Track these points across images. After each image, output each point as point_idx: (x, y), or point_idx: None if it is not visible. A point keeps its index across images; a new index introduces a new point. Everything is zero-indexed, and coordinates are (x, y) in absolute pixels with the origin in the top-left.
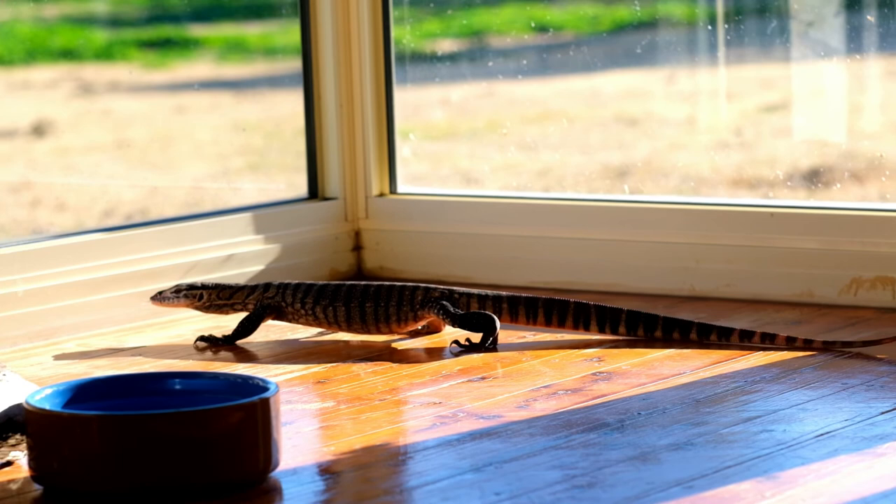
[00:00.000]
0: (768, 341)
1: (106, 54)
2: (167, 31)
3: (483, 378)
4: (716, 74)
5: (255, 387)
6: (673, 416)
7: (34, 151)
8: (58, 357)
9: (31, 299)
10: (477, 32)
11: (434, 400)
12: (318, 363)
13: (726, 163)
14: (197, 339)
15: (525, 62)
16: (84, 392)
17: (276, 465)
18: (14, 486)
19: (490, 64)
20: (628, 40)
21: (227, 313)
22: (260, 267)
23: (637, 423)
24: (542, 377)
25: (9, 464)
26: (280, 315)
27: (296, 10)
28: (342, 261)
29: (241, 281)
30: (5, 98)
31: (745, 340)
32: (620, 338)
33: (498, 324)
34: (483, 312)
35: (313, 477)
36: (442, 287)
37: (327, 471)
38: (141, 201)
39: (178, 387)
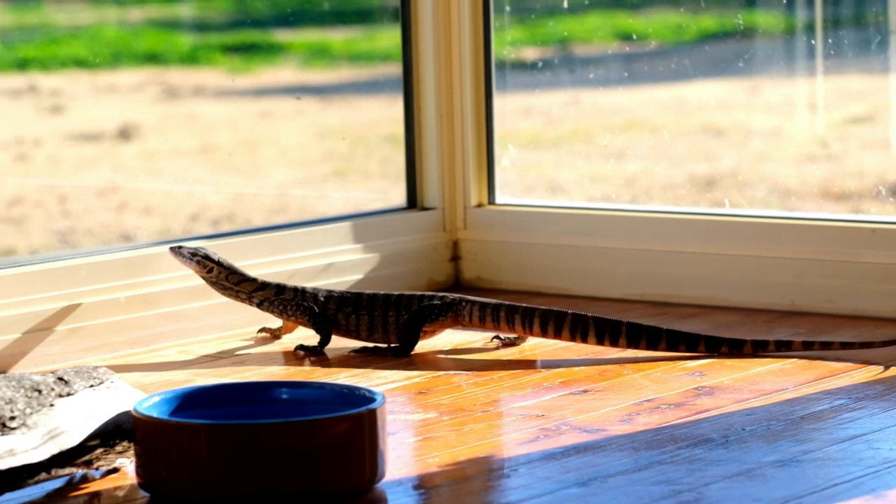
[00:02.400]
0: (784, 349)
1: (191, 58)
2: (252, 35)
3: (585, 391)
4: (802, 85)
5: (362, 397)
6: (777, 432)
7: (120, 155)
8: (159, 364)
9: (132, 306)
10: (561, 40)
11: (537, 412)
12: (418, 374)
13: (813, 174)
14: (296, 348)
15: (610, 71)
16: (191, 400)
17: (382, 475)
18: (120, 493)
19: (575, 72)
20: (713, 50)
21: (229, 297)
22: (358, 276)
23: (741, 439)
24: (644, 391)
25: (115, 470)
26: (302, 314)
27: (386, 16)
28: (440, 271)
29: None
30: (91, 101)
31: (760, 350)
32: (620, 349)
33: (412, 349)
34: (415, 336)
35: (418, 488)
36: (456, 295)
37: (431, 482)
38: (227, 206)
39: (284, 396)
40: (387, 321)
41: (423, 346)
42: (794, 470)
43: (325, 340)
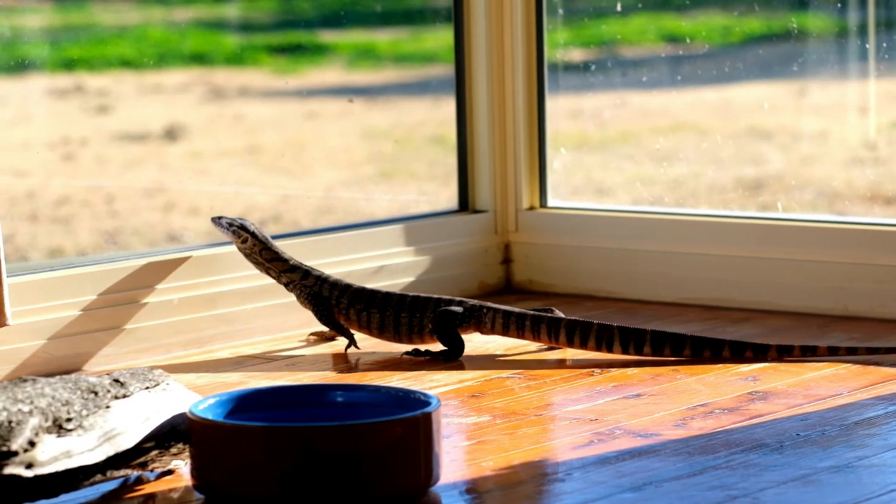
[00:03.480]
0: (810, 354)
1: (237, 59)
2: (297, 36)
3: (638, 395)
4: (851, 88)
5: (417, 401)
6: (831, 437)
7: (167, 155)
8: (212, 365)
9: (185, 307)
10: (607, 42)
11: (590, 416)
12: (471, 377)
13: (862, 178)
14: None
15: (657, 73)
16: (246, 402)
17: (437, 479)
18: (175, 495)
19: (622, 74)
20: (759, 52)
21: (260, 271)
22: (410, 279)
23: (796, 445)
24: (697, 395)
25: (170, 472)
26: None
27: (435, 17)
28: (491, 274)
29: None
30: (137, 101)
31: (785, 355)
32: (646, 358)
33: (464, 349)
34: (455, 336)
35: (471, 492)
36: (473, 301)
37: (485, 486)
38: (274, 207)
39: (339, 399)
40: (398, 321)
41: (475, 348)
42: (849, 476)
43: (343, 335)
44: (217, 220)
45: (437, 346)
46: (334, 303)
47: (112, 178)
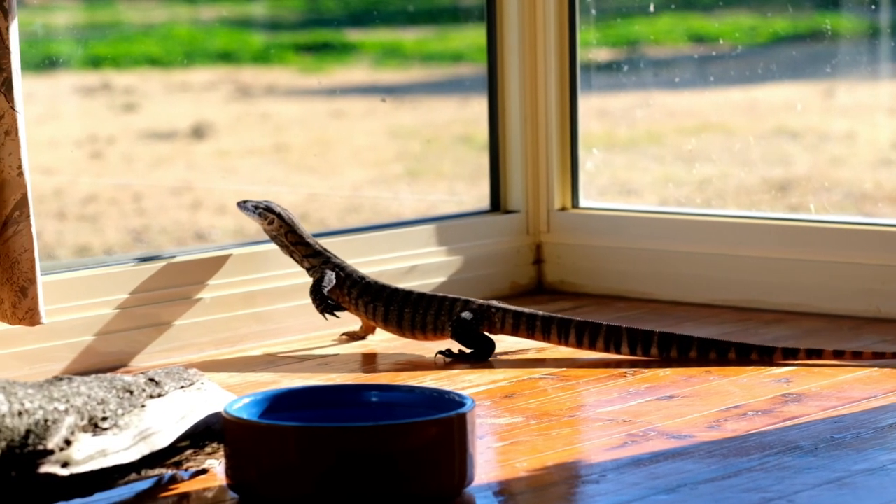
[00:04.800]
0: (815, 357)
1: (263, 57)
2: (324, 35)
3: (671, 397)
4: (880, 88)
5: (452, 401)
6: (866, 440)
7: (194, 153)
8: (245, 365)
9: (217, 306)
10: (632, 42)
11: (623, 418)
12: (503, 377)
13: (890, 179)
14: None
15: (683, 72)
16: (281, 402)
17: (471, 480)
18: (209, 495)
19: (648, 74)
20: (786, 52)
21: (284, 254)
22: (442, 279)
23: (830, 447)
24: (731, 397)
25: (204, 471)
26: (331, 291)
27: (463, 16)
28: (523, 274)
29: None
30: (164, 99)
31: (790, 358)
32: (653, 359)
33: (495, 348)
34: (482, 335)
35: (505, 493)
36: (480, 301)
37: (518, 487)
38: (301, 206)
39: (374, 399)
40: (402, 316)
41: (506, 348)
42: (884, 479)
43: (326, 310)
44: (242, 204)
45: (440, 344)
46: (345, 292)
47: (139, 176)
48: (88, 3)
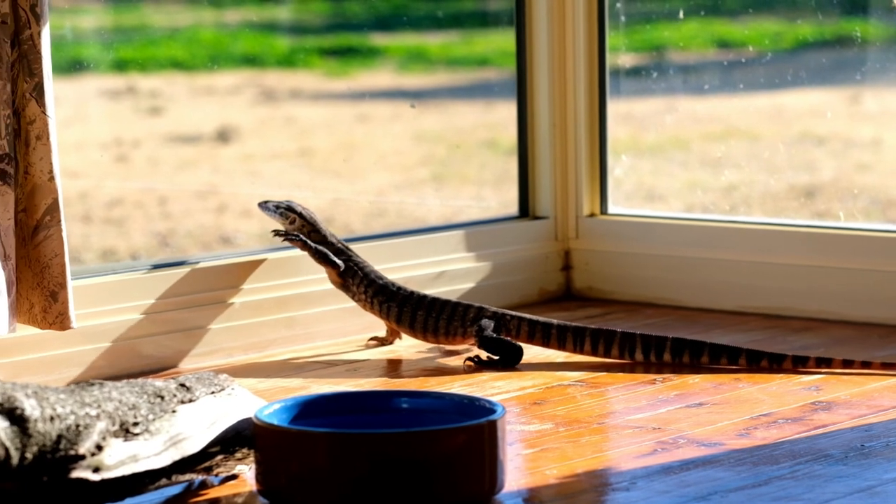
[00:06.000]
0: (824, 366)
1: (288, 61)
2: (349, 39)
3: (700, 404)
4: None
5: (482, 408)
6: None
7: (219, 157)
8: (274, 370)
9: (246, 311)
10: (657, 47)
11: (653, 425)
12: (532, 384)
13: None
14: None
15: (708, 78)
16: (311, 408)
17: (501, 487)
18: (239, 500)
19: (676, 80)
20: (811, 58)
21: (308, 254)
22: (470, 284)
23: (860, 455)
24: (760, 405)
25: (234, 477)
26: (345, 287)
27: (492, 21)
28: (551, 280)
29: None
30: (189, 103)
31: (799, 366)
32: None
33: (522, 355)
34: (508, 342)
35: (535, 500)
36: (495, 308)
37: (548, 494)
38: (326, 210)
39: (404, 405)
40: (415, 318)
41: (534, 356)
42: None
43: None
44: (264, 205)
45: (466, 350)
46: (362, 291)
47: (165, 179)
48: (115, 7)
